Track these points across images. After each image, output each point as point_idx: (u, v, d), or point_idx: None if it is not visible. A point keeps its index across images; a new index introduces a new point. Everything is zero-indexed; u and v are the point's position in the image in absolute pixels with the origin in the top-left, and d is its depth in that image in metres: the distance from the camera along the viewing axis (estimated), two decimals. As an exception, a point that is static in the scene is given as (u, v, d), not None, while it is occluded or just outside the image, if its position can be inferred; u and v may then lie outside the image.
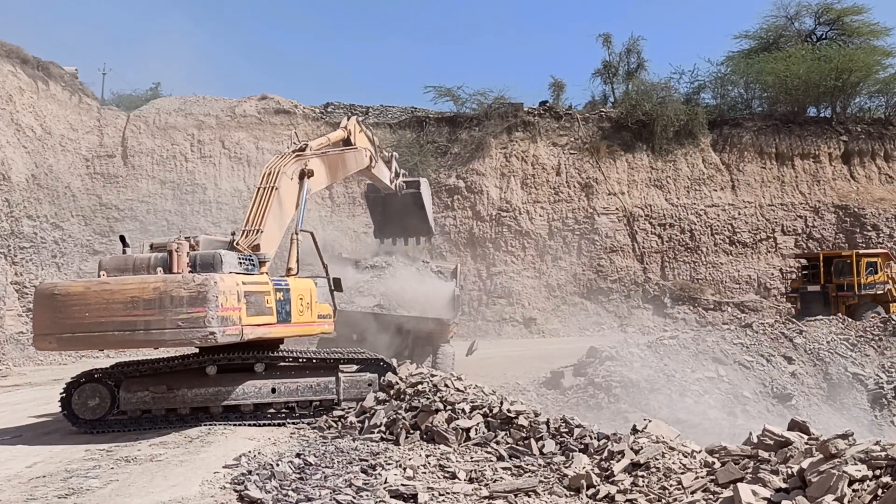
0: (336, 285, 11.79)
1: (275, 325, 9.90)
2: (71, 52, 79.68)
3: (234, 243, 10.43)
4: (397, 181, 17.16)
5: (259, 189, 11.21)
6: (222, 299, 8.80)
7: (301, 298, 10.52)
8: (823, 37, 40.01)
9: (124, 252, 10.06)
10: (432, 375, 10.24)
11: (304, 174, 11.92)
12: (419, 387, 9.73)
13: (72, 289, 9.04)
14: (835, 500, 4.73)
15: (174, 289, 8.73)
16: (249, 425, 10.01)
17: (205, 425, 9.88)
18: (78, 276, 25.04)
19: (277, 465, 7.42)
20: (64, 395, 9.85)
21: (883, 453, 5.10)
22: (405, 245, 18.76)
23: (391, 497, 6.44)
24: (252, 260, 10.17)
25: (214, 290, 8.74)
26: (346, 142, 14.35)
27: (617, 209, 33.10)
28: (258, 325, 9.52)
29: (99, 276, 9.41)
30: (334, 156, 13.56)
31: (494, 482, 6.97)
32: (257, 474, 7.06)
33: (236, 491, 6.65)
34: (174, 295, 8.70)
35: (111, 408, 9.86)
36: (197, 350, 10.62)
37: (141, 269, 9.40)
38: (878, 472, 4.92)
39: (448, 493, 6.61)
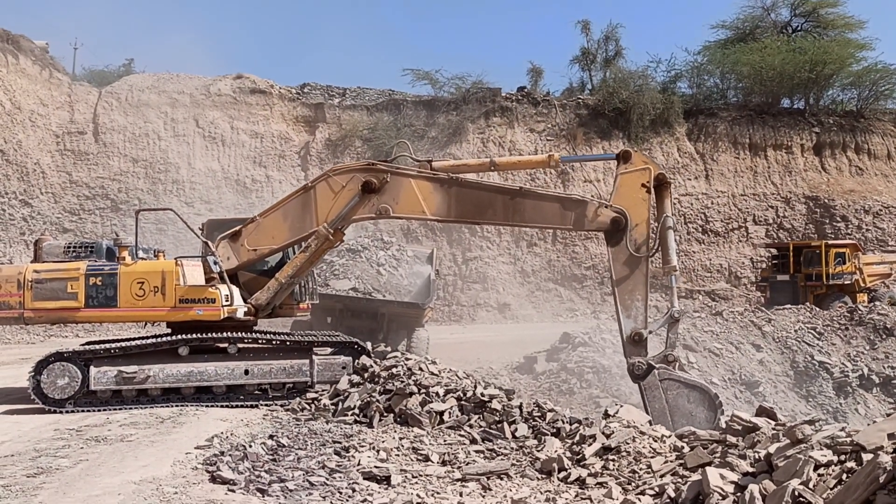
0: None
1: (81, 311, 10.21)
2: (42, 26, 77.95)
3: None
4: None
5: None
6: None
7: (142, 283, 10.16)
8: (799, 28, 40.37)
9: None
10: (407, 359, 10.26)
11: (367, 186, 10.07)
12: (393, 370, 9.75)
13: None
14: (800, 483, 4.82)
15: None
16: (222, 406, 9.99)
17: (176, 406, 9.85)
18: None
19: (250, 446, 7.41)
20: (33, 374, 9.75)
21: (848, 439, 5.20)
22: None
23: (364, 479, 6.47)
24: (92, 248, 10.70)
25: None
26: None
27: (592, 196, 33.18)
28: (51, 310, 10.20)
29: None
30: (470, 192, 10.26)
31: (467, 465, 7.02)
32: (230, 455, 7.04)
33: (208, 472, 6.62)
34: None
35: (81, 387, 9.79)
36: (169, 330, 10.60)
37: None
38: (843, 457, 5.01)
39: (421, 476, 6.64)
